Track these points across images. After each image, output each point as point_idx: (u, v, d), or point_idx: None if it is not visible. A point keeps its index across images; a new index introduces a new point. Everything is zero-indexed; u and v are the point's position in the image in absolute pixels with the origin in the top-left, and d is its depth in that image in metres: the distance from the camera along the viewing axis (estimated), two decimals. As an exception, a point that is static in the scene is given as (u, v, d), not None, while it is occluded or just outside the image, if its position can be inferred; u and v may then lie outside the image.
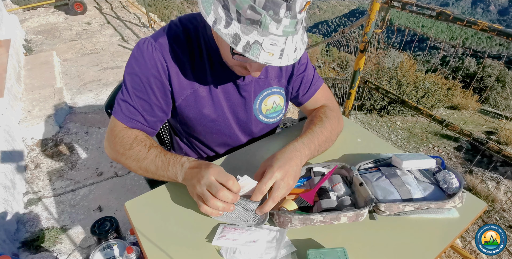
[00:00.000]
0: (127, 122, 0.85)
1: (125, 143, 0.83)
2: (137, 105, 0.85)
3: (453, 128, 1.57)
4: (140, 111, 0.85)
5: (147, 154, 0.80)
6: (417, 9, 1.51)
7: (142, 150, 0.81)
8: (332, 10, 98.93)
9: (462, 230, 0.76)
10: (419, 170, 0.84)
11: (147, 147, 0.81)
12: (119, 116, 0.85)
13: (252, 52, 0.63)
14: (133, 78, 0.83)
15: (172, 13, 22.99)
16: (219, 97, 0.91)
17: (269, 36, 0.63)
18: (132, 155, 0.81)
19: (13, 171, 2.00)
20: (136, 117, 0.86)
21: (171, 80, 0.84)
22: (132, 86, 0.83)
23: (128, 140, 0.83)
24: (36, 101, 2.68)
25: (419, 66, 5.60)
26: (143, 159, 0.80)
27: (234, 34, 0.63)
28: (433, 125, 4.02)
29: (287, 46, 0.65)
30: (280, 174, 0.72)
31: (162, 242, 0.71)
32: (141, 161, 0.80)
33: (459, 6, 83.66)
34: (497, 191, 2.97)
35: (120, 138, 0.84)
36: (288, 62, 0.67)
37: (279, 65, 0.66)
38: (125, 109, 0.85)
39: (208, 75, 0.87)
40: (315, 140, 0.87)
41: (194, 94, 0.89)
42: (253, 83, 0.93)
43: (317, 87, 1.02)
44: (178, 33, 0.83)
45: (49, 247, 1.67)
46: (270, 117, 1.02)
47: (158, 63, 0.81)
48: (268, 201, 0.71)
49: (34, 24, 4.78)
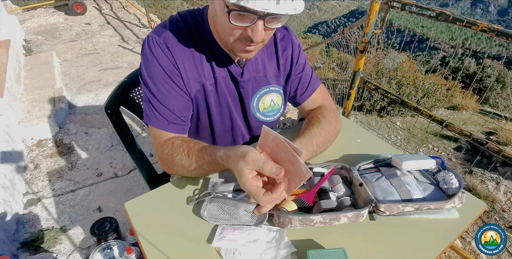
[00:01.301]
0: (166, 128, 0.86)
1: (168, 155, 0.83)
2: (169, 107, 0.84)
3: (453, 129, 1.57)
4: (174, 112, 0.85)
5: (188, 161, 0.80)
6: (416, 9, 1.51)
7: (183, 158, 0.81)
8: (332, 11, 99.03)
9: (462, 231, 0.76)
10: (419, 171, 0.84)
11: (185, 153, 0.81)
12: (156, 124, 0.86)
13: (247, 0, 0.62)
14: (153, 80, 0.83)
15: (172, 14, 22.97)
16: (224, 90, 0.91)
17: None
18: (177, 164, 0.82)
19: (12, 172, 2.00)
20: (173, 120, 0.86)
21: (182, 75, 0.84)
22: (156, 88, 0.83)
23: (168, 150, 0.83)
24: (35, 102, 2.67)
25: (419, 67, 5.61)
26: (188, 165, 0.81)
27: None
28: (433, 126, 4.03)
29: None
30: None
31: (162, 243, 0.71)
32: (187, 167, 0.81)
33: (459, 6, 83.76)
34: (497, 191, 2.97)
35: (162, 151, 0.85)
36: (288, 11, 0.65)
37: (278, 11, 0.64)
38: (159, 115, 0.85)
39: (212, 68, 0.88)
40: (313, 140, 0.87)
41: (203, 88, 0.89)
42: (251, 81, 0.93)
43: (315, 87, 1.02)
44: (180, 27, 0.83)
45: (49, 247, 1.67)
46: (267, 116, 1.02)
47: (169, 60, 0.82)
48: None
49: (34, 25, 4.78)
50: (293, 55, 0.96)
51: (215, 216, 0.74)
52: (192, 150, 0.80)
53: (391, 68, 5.62)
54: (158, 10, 15.29)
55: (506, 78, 8.33)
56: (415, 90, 4.98)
